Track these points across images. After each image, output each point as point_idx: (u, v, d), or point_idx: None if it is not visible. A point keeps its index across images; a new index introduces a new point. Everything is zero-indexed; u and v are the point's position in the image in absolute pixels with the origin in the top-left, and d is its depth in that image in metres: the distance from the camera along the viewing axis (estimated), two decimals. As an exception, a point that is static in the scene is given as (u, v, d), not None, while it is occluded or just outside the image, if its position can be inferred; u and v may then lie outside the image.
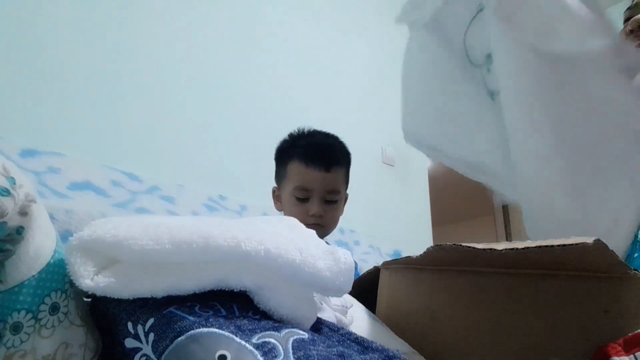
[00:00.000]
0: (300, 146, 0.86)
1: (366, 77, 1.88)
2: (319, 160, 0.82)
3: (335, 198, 0.85)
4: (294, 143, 0.88)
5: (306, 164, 0.82)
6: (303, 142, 0.86)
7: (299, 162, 0.83)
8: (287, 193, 0.85)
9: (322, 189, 0.83)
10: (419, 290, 0.54)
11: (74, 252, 0.35)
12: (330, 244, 0.44)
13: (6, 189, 0.30)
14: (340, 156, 0.87)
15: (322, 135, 0.90)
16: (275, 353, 0.30)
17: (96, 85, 1.06)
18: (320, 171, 0.82)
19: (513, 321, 0.43)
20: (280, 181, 0.89)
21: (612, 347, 0.36)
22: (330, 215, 0.85)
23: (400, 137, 0.98)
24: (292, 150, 0.86)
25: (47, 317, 0.33)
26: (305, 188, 0.82)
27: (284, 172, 0.87)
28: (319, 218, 0.82)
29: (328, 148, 0.87)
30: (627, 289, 0.39)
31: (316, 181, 0.82)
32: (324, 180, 0.83)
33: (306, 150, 0.84)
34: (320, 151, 0.84)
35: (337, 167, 0.85)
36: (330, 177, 0.83)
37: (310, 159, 0.82)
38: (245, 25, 1.45)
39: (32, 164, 0.91)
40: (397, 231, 1.69)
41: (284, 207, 0.88)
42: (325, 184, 0.83)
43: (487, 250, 0.41)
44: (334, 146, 0.89)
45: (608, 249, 0.36)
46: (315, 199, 0.83)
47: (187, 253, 0.34)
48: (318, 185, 0.82)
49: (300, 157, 0.83)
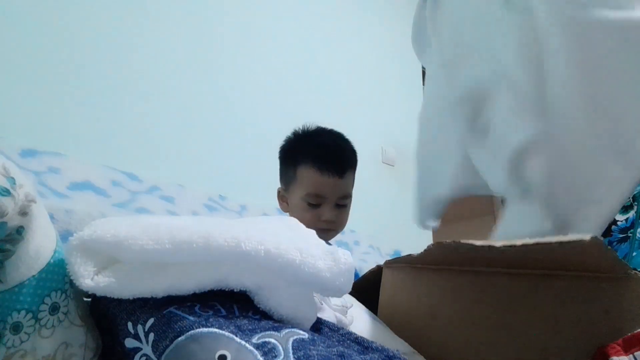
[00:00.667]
0: (311, 150, 0.82)
1: (366, 77, 1.88)
2: (333, 167, 0.80)
3: (346, 202, 0.84)
4: (304, 145, 0.84)
5: (320, 170, 0.79)
6: (314, 145, 0.83)
7: (312, 168, 0.80)
8: (298, 197, 0.82)
9: (335, 195, 0.81)
10: (419, 289, 0.54)
11: (74, 252, 0.35)
12: (331, 244, 0.44)
13: (6, 189, 0.30)
14: (351, 159, 0.85)
15: (332, 137, 0.87)
16: (275, 353, 0.30)
17: (96, 85, 1.06)
18: (334, 178, 0.80)
19: (513, 321, 0.43)
20: (289, 184, 0.85)
21: (611, 347, 0.36)
22: (341, 218, 0.84)
23: (400, 137, 0.98)
24: (302, 153, 0.83)
25: (47, 317, 0.33)
26: (319, 195, 0.80)
27: (292, 175, 0.84)
28: (332, 223, 0.82)
29: (341, 152, 0.84)
30: (627, 289, 0.39)
31: (330, 188, 0.80)
32: (338, 186, 0.81)
33: (319, 156, 0.80)
34: (333, 156, 0.81)
35: (350, 171, 0.83)
36: (343, 182, 0.82)
37: (325, 165, 0.79)
38: (245, 25, 1.45)
39: (32, 164, 0.91)
40: (397, 231, 1.69)
41: (291, 210, 0.85)
42: (339, 190, 0.81)
43: (485, 247, 0.41)
44: (345, 149, 0.86)
45: (604, 245, 0.36)
46: (328, 205, 0.81)
47: (187, 253, 0.34)
48: (332, 192, 0.80)
49: (314, 163, 0.80)
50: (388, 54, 2.03)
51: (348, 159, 0.84)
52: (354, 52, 1.85)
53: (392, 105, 1.95)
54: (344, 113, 1.70)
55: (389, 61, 2.02)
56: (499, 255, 0.42)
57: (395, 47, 2.07)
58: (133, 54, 1.15)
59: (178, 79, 1.23)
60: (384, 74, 1.98)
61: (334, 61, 1.75)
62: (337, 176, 0.80)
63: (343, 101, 1.73)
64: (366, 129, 1.79)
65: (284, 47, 1.56)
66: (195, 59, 1.29)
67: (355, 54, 1.86)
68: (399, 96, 2.01)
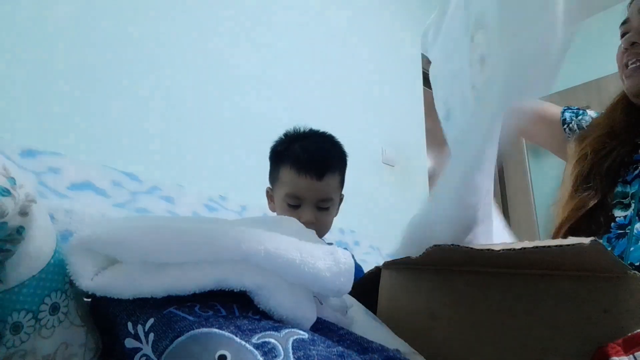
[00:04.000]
0: (293, 151, 0.83)
1: (367, 77, 1.88)
2: (310, 169, 0.80)
3: (327, 205, 0.83)
4: (288, 146, 0.85)
5: (298, 171, 0.80)
6: (296, 146, 0.83)
7: (291, 169, 0.81)
8: (280, 197, 0.83)
9: (313, 197, 0.81)
10: (419, 290, 0.54)
11: (74, 252, 0.35)
12: (332, 244, 0.44)
13: (6, 189, 0.30)
14: (333, 162, 0.85)
15: (317, 139, 0.87)
16: (275, 353, 0.30)
17: (96, 86, 1.06)
18: (312, 179, 0.80)
19: (513, 321, 0.43)
20: (274, 183, 0.87)
21: (611, 347, 0.36)
22: (322, 220, 0.84)
23: (400, 137, 0.98)
24: (285, 154, 0.83)
25: (47, 317, 0.33)
26: (297, 196, 0.81)
27: (277, 175, 0.85)
28: (311, 225, 0.81)
29: (321, 155, 0.83)
30: (626, 289, 0.39)
31: (307, 190, 0.80)
32: (315, 189, 0.81)
33: (298, 157, 0.81)
34: (312, 159, 0.81)
35: (330, 174, 0.82)
36: (322, 185, 0.81)
37: (302, 167, 0.80)
38: (245, 25, 1.45)
39: (32, 164, 0.91)
40: (397, 231, 1.68)
41: (277, 210, 0.86)
42: (317, 193, 0.81)
43: (484, 250, 0.41)
44: (327, 151, 0.85)
45: (605, 249, 0.36)
46: (307, 207, 0.81)
47: (187, 253, 0.34)
48: (309, 194, 0.81)
49: (292, 164, 0.81)
50: (388, 54, 2.03)
51: (329, 162, 0.83)
52: (354, 53, 1.85)
53: (392, 106, 1.95)
54: (344, 113, 1.70)
55: (389, 61, 2.02)
56: (497, 257, 0.42)
57: (396, 47, 2.07)
58: (133, 54, 1.15)
59: (178, 79, 1.23)
60: (384, 75, 1.98)
61: (334, 61, 1.75)
62: (315, 178, 0.80)
63: (343, 101, 1.73)
64: (366, 129, 1.79)
65: (284, 47, 1.56)
66: (196, 59, 1.29)
67: (356, 54, 1.86)
68: (399, 97, 2.01)
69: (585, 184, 0.76)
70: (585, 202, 0.73)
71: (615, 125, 0.79)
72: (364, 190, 1.66)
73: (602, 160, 0.76)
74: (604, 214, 0.72)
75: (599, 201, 0.73)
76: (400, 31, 2.09)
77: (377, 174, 1.78)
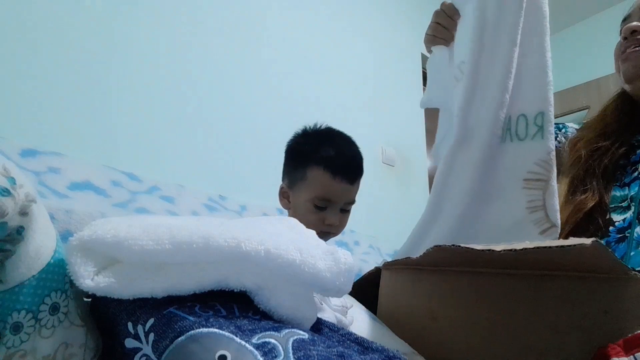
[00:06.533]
0: (325, 153, 0.81)
1: (366, 77, 1.88)
2: (347, 174, 0.80)
3: (349, 207, 0.85)
4: (317, 147, 0.83)
5: (333, 175, 0.79)
6: (329, 149, 0.82)
7: (325, 172, 0.79)
8: (304, 199, 0.81)
9: (343, 200, 0.82)
10: (419, 290, 0.54)
11: (74, 252, 0.35)
12: (331, 244, 0.44)
13: (6, 189, 0.30)
14: (362, 166, 0.86)
15: (345, 141, 0.87)
16: (275, 353, 0.30)
17: (96, 86, 1.06)
18: (346, 184, 0.80)
19: (513, 322, 0.43)
20: (295, 183, 0.84)
21: (612, 347, 0.36)
22: (343, 222, 0.85)
23: (400, 137, 0.98)
24: (315, 155, 0.82)
25: (47, 317, 0.33)
26: (328, 199, 0.80)
27: (301, 176, 0.83)
28: (334, 227, 0.82)
29: (354, 159, 0.84)
30: (626, 290, 0.39)
31: (341, 194, 0.80)
32: (347, 193, 0.81)
33: (334, 161, 0.80)
34: (348, 163, 0.82)
35: (360, 178, 0.84)
36: (353, 189, 0.82)
37: (339, 171, 0.79)
38: (245, 25, 1.45)
39: (32, 164, 0.91)
40: (397, 231, 1.69)
41: (295, 210, 0.85)
42: (346, 196, 0.82)
43: (485, 251, 0.41)
44: (360, 156, 0.86)
45: (606, 250, 0.36)
46: (334, 209, 0.81)
47: (187, 253, 0.34)
48: (341, 198, 0.81)
49: (327, 167, 0.80)
50: (388, 54, 2.03)
51: (360, 166, 0.85)
52: (354, 52, 1.85)
53: (392, 106, 1.95)
54: (344, 113, 1.70)
55: (389, 61, 2.02)
56: (498, 258, 0.41)
57: (396, 47, 2.07)
58: (133, 54, 1.15)
59: (178, 79, 1.23)
60: (384, 75, 1.98)
61: (334, 61, 1.75)
62: (349, 183, 0.81)
63: (343, 101, 1.73)
64: (366, 129, 1.79)
65: (284, 47, 1.56)
66: (196, 59, 1.29)
67: (356, 54, 1.86)
68: (399, 96, 2.01)
69: (582, 186, 0.76)
70: (584, 204, 0.73)
71: (608, 126, 0.79)
72: (364, 190, 1.65)
73: (597, 161, 0.76)
74: (602, 217, 0.72)
75: (597, 203, 0.72)
76: (400, 31, 2.09)
77: (377, 174, 1.78)
